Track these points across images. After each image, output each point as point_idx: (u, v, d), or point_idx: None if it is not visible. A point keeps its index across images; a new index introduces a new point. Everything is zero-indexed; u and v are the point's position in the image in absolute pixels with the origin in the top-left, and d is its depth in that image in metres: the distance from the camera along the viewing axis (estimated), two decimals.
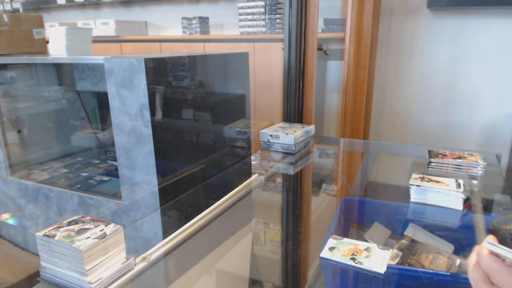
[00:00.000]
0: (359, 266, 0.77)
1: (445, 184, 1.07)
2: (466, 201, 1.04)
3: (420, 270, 0.80)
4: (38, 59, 1.59)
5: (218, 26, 3.04)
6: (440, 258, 0.83)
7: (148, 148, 1.06)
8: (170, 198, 1.13)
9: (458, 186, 1.06)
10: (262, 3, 2.51)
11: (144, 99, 1.02)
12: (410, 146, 2.02)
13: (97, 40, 3.03)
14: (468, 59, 2.25)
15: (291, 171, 1.43)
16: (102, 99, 1.91)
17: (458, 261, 0.82)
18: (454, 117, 2.36)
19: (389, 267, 0.77)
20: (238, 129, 1.45)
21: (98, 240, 0.69)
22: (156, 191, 1.09)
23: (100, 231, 0.72)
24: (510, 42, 2.13)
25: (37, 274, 0.73)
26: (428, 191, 1.07)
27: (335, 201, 1.24)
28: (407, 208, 1.08)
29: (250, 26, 2.60)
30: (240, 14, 2.61)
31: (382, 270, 0.75)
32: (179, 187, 1.17)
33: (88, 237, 0.70)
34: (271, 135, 1.55)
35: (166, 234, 0.93)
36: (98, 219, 0.77)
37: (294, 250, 0.90)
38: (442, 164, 1.29)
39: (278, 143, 1.54)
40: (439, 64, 2.32)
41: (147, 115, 1.03)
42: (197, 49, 2.76)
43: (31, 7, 3.65)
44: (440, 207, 1.05)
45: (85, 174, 1.56)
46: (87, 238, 0.69)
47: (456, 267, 0.81)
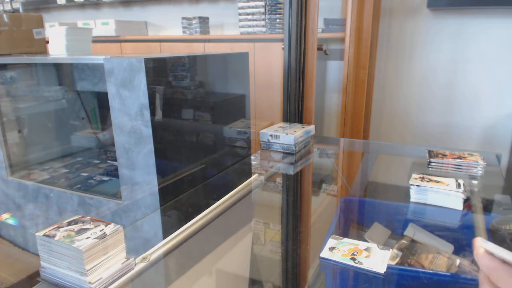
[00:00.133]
0: (359, 266, 0.77)
1: (445, 184, 1.07)
2: (466, 201, 1.04)
3: (420, 270, 0.80)
4: (38, 59, 1.59)
5: (218, 26, 3.04)
6: (440, 258, 0.83)
7: (148, 148, 1.06)
8: (170, 198, 1.13)
9: (458, 186, 1.06)
10: (262, 3, 2.51)
11: (144, 99, 1.02)
12: (410, 146, 2.02)
13: (97, 40, 3.03)
14: (468, 59, 2.25)
15: (291, 171, 1.43)
16: (102, 99, 1.91)
17: (458, 261, 0.82)
18: (454, 117, 2.36)
19: (389, 267, 0.77)
20: (238, 129, 1.45)
21: (98, 240, 0.69)
22: (156, 191, 1.09)
23: (100, 231, 0.72)
24: (510, 42, 2.13)
25: (37, 274, 0.73)
26: (428, 191, 1.07)
27: (335, 201, 1.24)
28: (407, 208, 1.08)
29: (250, 26, 2.60)
30: (240, 14, 2.61)
31: (382, 270, 0.75)
32: (179, 187, 1.17)
33: (88, 237, 0.70)
34: (271, 135, 1.55)
35: (166, 234, 0.93)
36: (98, 219, 0.77)
37: (294, 250, 0.90)
38: (442, 164, 1.29)
39: (278, 143, 1.54)
40: (439, 64, 2.32)
41: (147, 115, 1.03)
42: (197, 49, 2.76)
43: (31, 7, 3.65)
44: (440, 207, 1.05)
45: (85, 174, 1.56)
46: (87, 238, 0.69)
47: (456, 267, 0.81)
